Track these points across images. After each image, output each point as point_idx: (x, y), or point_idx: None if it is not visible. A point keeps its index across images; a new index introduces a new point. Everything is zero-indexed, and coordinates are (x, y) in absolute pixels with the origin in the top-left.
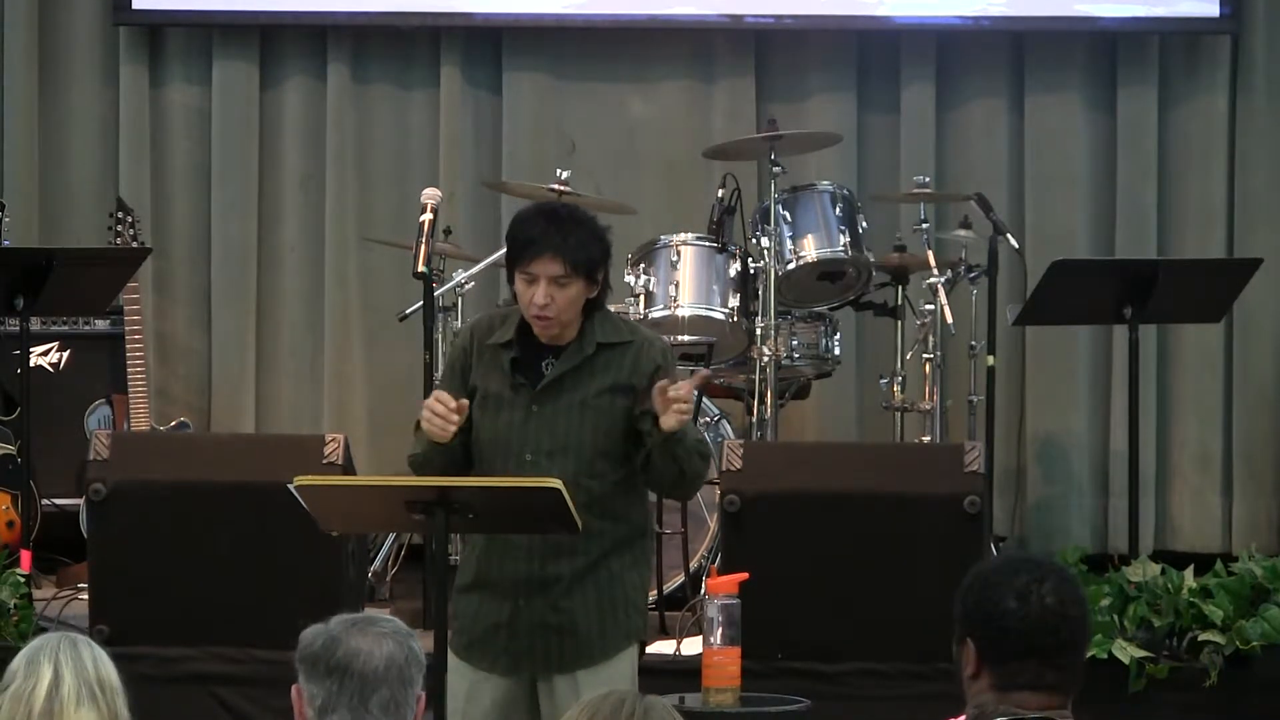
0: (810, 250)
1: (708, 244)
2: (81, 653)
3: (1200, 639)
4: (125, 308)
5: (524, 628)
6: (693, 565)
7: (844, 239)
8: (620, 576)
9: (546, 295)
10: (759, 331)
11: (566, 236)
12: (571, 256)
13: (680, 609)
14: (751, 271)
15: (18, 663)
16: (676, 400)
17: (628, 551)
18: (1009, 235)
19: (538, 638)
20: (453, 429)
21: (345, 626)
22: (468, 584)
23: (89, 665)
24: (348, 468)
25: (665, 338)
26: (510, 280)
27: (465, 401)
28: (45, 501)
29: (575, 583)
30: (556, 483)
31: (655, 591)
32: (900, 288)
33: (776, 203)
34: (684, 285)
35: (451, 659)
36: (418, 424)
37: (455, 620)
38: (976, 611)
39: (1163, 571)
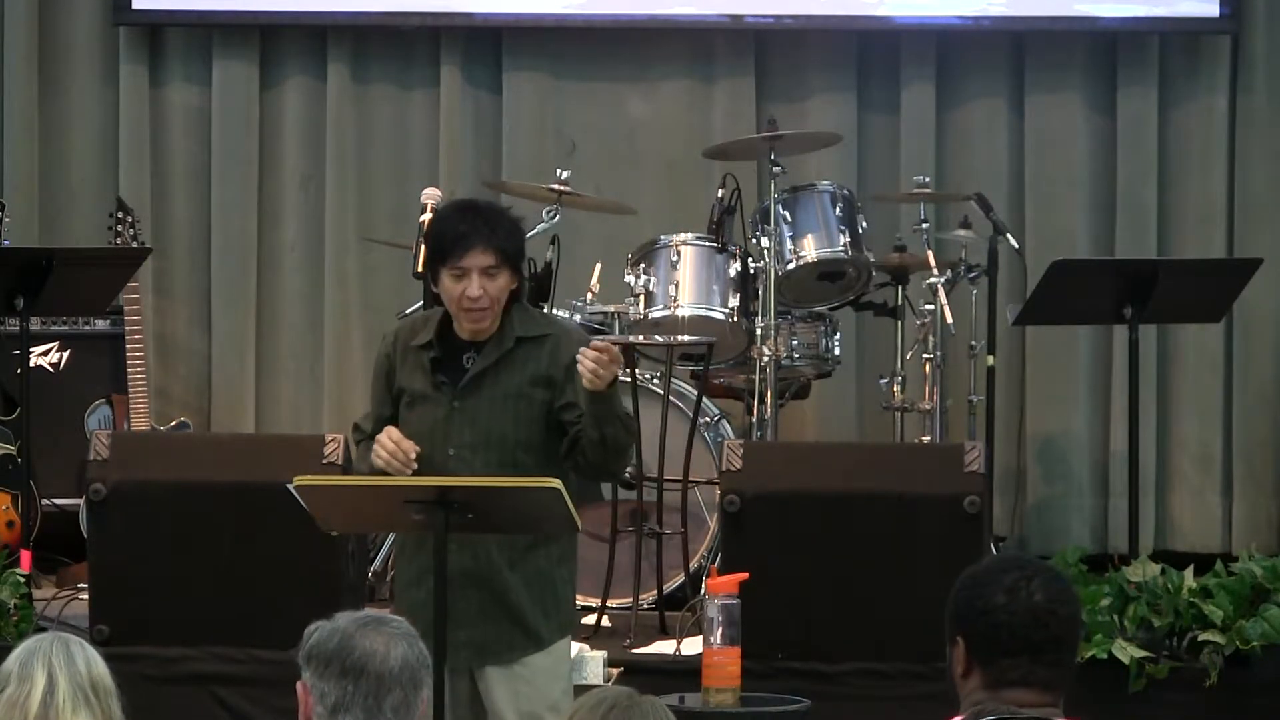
0: (810, 250)
1: (708, 244)
2: (74, 655)
3: (1200, 639)
4: (125, 308)
5: (464, 620)
6: (693, 565)
7: (844, 239)
8: (549, 572)
9: (480, 287)
10: (759, 331)
11: (494, 228)
12: (501, 246)
13: (680, 609)
14: (751, 271)
15: (10, 667)
16: (592, 360)
17: (555, 545)
18: (1009, 235)
19: (478, 629)
20: (408, 472)
21: (357, 625)
22: (406, 581)
23: (82, 668)
24: (347, 468)
25: (666, 338)
26: (434, 281)
27: (419, 450)
28: (45, 501)
29: (507, 573)
30: (556, 483)
31: (655, 591)
32: (900, 288)
33: (776, 203)
34: (684, 285)
35: None
36: (358, 438)
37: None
38: (966, 609)
39: (1163, 571)
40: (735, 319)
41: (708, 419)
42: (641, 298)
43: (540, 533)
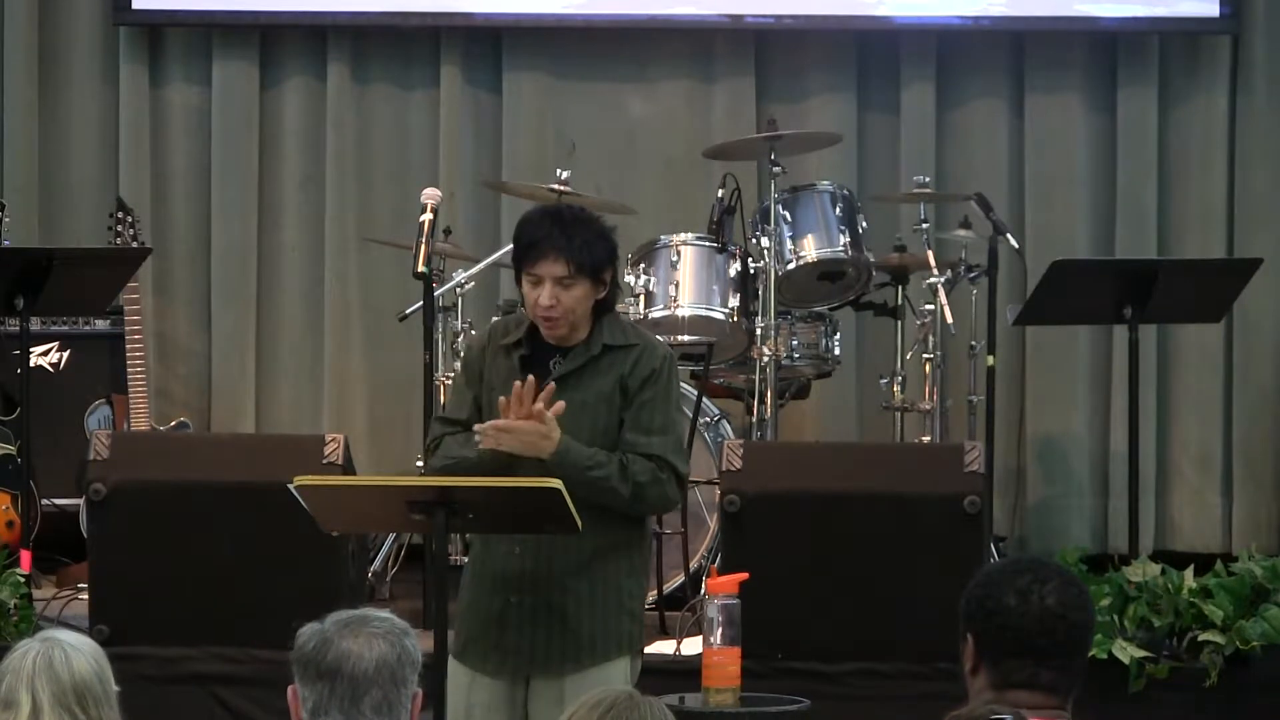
0: (810, 250)
1: (708, 244)
2: (58, 670)
3: (1200, 639)
4: (125, 308)
5: (514, 624)
6: (693, 565)
7: (844, 239)
8: (618, 583)
9: (551, 296)
10: (759, 331)
11: (571, 238)
12: (575, 257)
13: (680, 609)
14: (751, 271)
15: None
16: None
17: (625, 556)
18: (1009, 235)
19: (526, 636)
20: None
21: (338, 627)
22: (466, 581)
23: (66, 680)
24: (348, 468)
25: (666, 338)
26: (518, 282)
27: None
28: (45, 501)
29: (568, 580)
30: (556, 483)
31: (655, 591)
32: (900, 288)
33: (776, 203)
34: (684, 285)
35: (452, 663)
36: (446, 430)
37: (454, 621)
38: (978, 607)
39: (1163, 571)
40: (735, 319)
41: (708, 419)
42: (641, 298)
43: (541, 533)
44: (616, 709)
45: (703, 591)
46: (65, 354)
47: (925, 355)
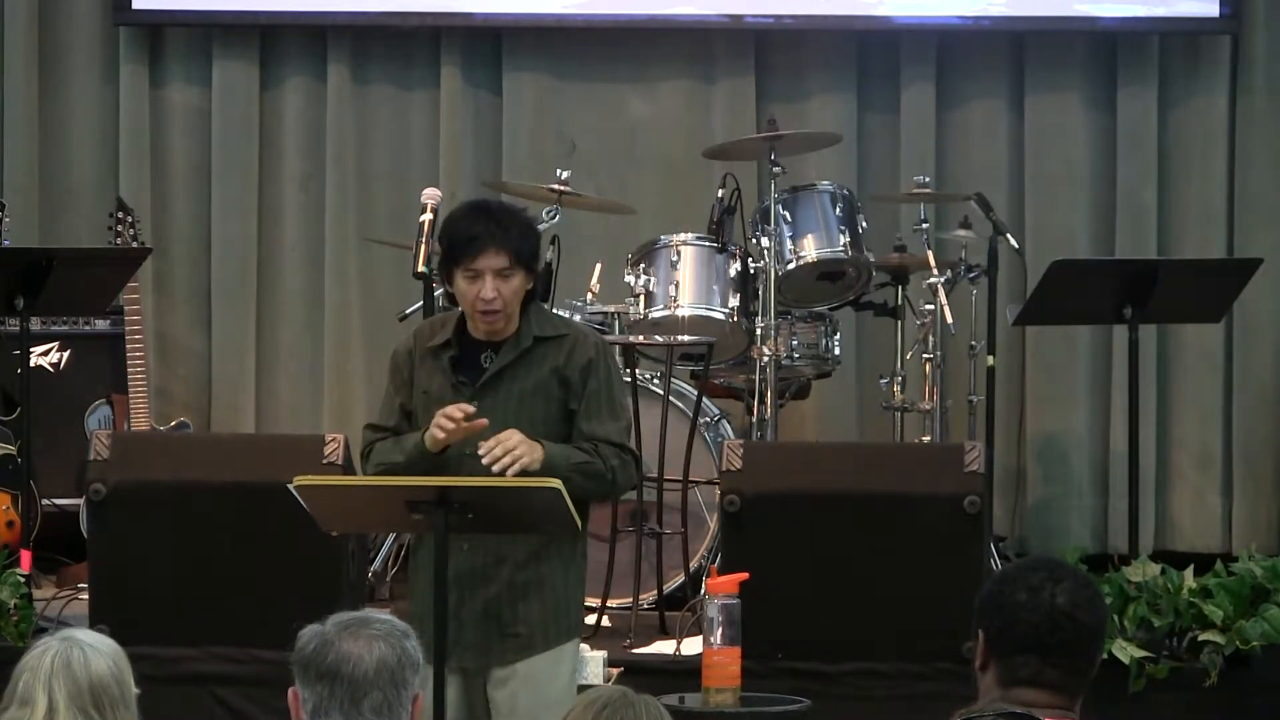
0: (810, 250)
1: (708, 244)
2: (75, 670)
3: (1200, 639)
4: (125, 308)
5: (467, 621)
6: (693, 565)
7: (844, 239)
8: (564, 571)
9: (494, 289)
10: (759, 331)
11: (507, 229)
12: (514, 247)
13: (680, 609)
14: (751, 271)
15: (14, 687)
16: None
17: (566, 546)
18: (1009, 235)
19: (481, 631)
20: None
21: (338, 629)
22: (420, 584)
23: (83, 680)
24: (348, 468)
25: (666, 338)
26: (448, 281)
27: (472, 408)
28: (45, 501)
29: (516, 574)
30: (556, 482)
31: (655, 591)
32: (900, 288)
33: (776, 203)
34: (684, 285)
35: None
36: (376, 436)
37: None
38: (989, 603)
39: (1163, 571)
40: (735, 319)
41: (708, 419)
42: (641, 298)
43: (541, 533)
44: (612, 707)
45: (703, 591)
46: (65, 354)
47: (925, 355)
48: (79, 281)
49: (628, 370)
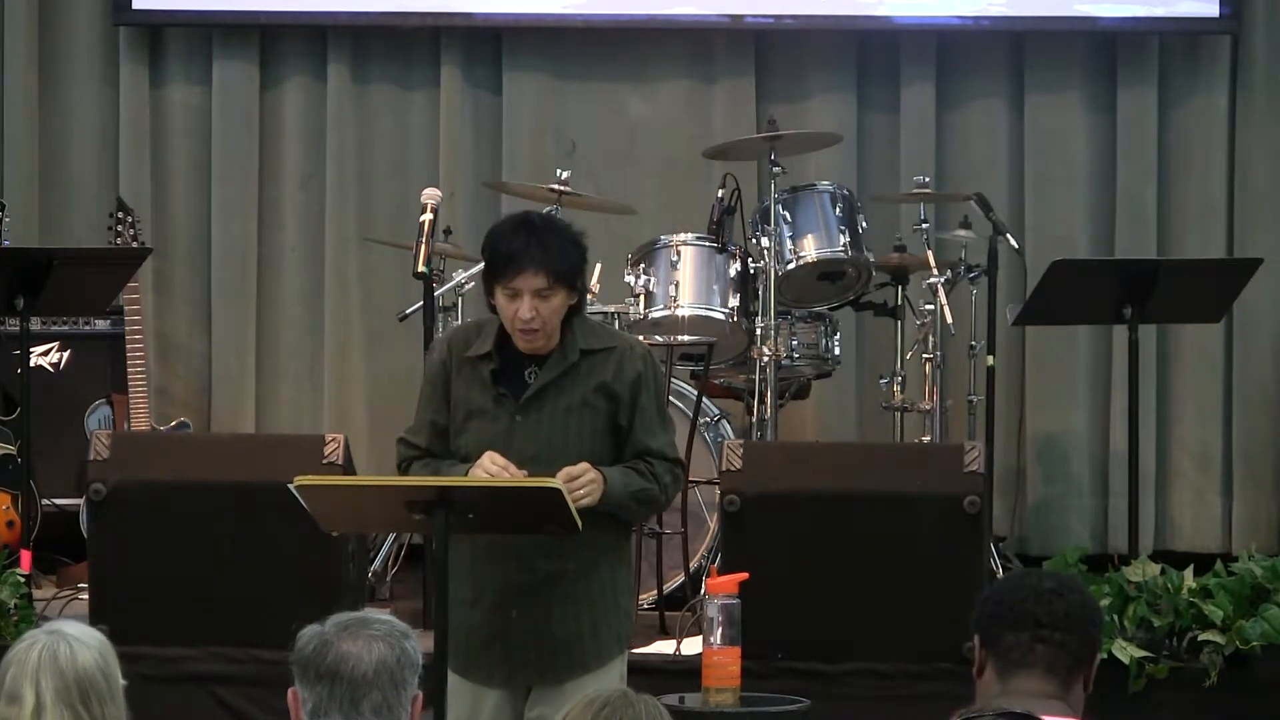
0: (810, 250)
1: (708, 244)
2: (62, 665)
3: (1200, 639)
4: (125, 308)
5: (518, 638)
6: (693, 565)
7: (844, 239)
8: (613, 585)
9: (531, 309)
10: (759, 331)
11: (547, 248)
12: (554, 268)
13: (680, 609)
14: (751, 271)
15: (1, 682)
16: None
17: (614, 555)
18: (1009, 235)
19: (530, 649)
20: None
21: (338, 630)
22: (461, 598)
23: (70, 674)
24: (348, 468)
25: (666, 338)
26: (489, 294)
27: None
28: (45, 501)
29: (568, 589)
30: (556, 482)
31: (655, 591)
32: (900, 288)
33: (776, 203)
34: (684, 285)
35: (452, 678)
36: (411, 454)
37: (453, 637)
38: (982, 603)
39: (1163, 571)
40: (735, 319)
41: (708, 419)
42: (641, 298)
43: (542, 533)
44: (611, 706)
45: (703, 591)
46: (65, 354)
47: (925, 355)
48: (79, 281)
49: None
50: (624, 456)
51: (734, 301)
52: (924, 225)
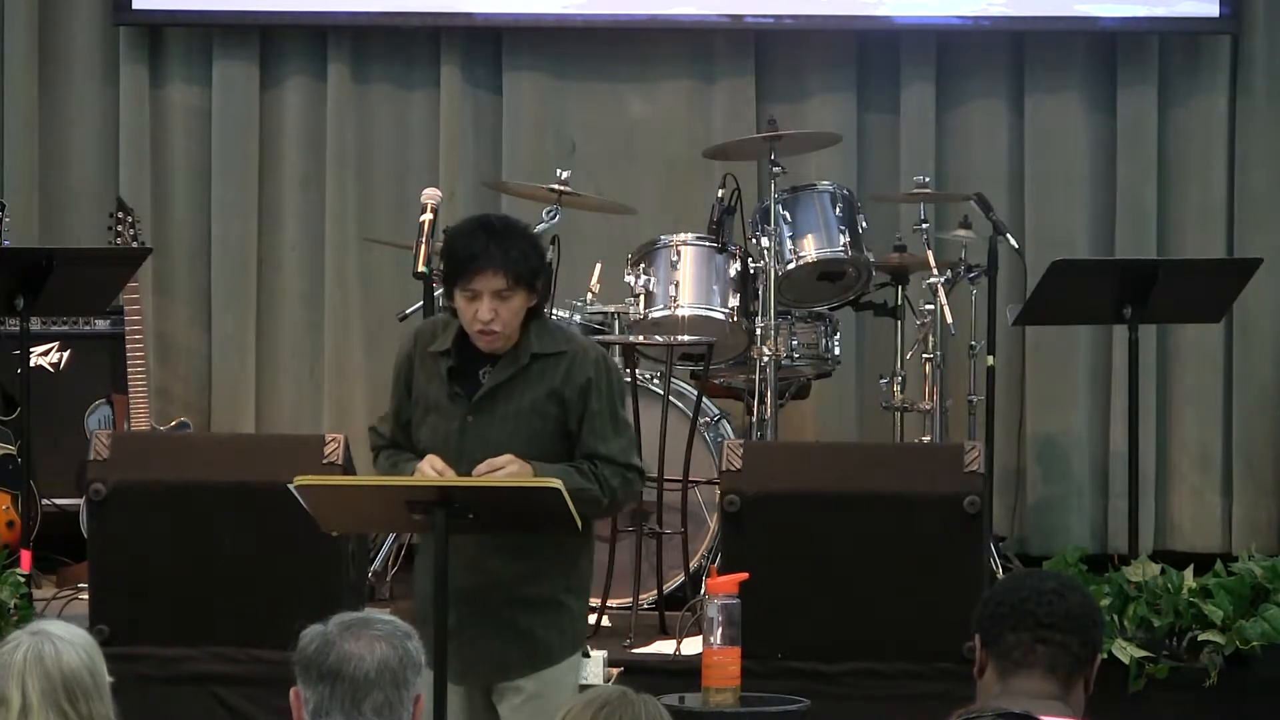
0: (810, 250)
1: (708, 244)
2: (48, 666)
3: (1200, 639)
4: (125, 308)
5: (470, 635)
6: (693, 565)
7: (844, 239)
8: (565, 586)
9: (490, 310)
10: (759, 331)
11: (507, 250)
12: (514, 269)
13: (680, 609)
14: (751, 271)
15: None
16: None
17: (565, 557)
18: (1009, 235)
19: (484, 648)
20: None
21: (340, 629)
22: (421, 592)
23: (56, 675)
24: (348, 468)
25: (666, 338)
26: (448, 296)
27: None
28: (45, 501)
29: (517, 590)
30: (557, 482)
31: (655, 591)
32: (900, 288)
33: (776, 203)
34: (684, 285)
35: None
36: (380, 443)
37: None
38: (984, 604)
39: (1163, 571)
40: (735, 319)
41: (708, 419)
42: (641, 298)
43: (542, 533)
44: (611, 706)
45: (703, 591)
46: (65, 354)
47: (925, 355)
48: (79, 281)
49: (628, 370)
50: (572, 460)
51: (734, 301)
52: (924, 225)
